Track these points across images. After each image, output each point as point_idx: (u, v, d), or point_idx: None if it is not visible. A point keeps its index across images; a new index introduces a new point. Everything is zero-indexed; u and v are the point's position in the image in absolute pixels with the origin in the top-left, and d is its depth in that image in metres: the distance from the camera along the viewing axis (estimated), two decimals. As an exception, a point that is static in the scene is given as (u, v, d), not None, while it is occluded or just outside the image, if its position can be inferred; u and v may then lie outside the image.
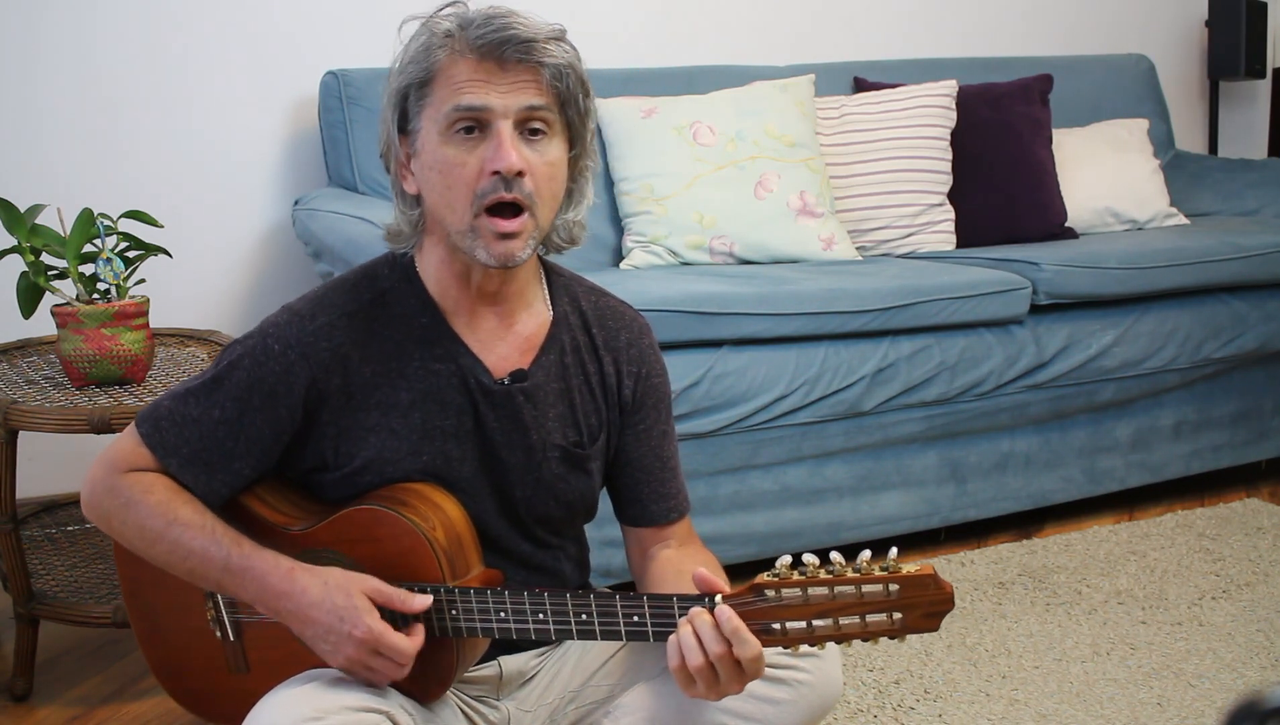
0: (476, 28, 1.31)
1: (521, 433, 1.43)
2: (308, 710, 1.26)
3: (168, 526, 1.34)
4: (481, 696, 1.49)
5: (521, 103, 1.31)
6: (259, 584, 1.32)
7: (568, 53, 1.34)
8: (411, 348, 1.40)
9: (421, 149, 1.35)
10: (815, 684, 1.43)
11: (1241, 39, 3.83)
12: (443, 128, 1.32)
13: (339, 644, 1.30)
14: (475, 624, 1.33)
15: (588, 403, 1.48)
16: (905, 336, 2.54)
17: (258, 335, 1.38)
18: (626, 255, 2.80)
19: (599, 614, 1.31)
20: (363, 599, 1.30)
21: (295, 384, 1.36)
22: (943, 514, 2.67)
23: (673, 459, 1.56)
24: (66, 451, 2.73)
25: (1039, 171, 3.14)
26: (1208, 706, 2.00)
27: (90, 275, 2.08)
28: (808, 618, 1.23)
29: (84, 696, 2.07)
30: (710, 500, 2.41)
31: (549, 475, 1.45)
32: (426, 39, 1.34)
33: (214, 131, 2.89)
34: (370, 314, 1.40)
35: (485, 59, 1.30)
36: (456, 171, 1.31)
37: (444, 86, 1.32)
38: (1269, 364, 2.99)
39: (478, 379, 1.41)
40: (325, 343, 1.37)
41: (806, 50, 3.42)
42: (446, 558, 1.34)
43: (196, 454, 1.37)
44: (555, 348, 1.46)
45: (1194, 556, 2.60)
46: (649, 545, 1.55)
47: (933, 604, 1.22)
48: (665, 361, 1.57)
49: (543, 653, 1.52)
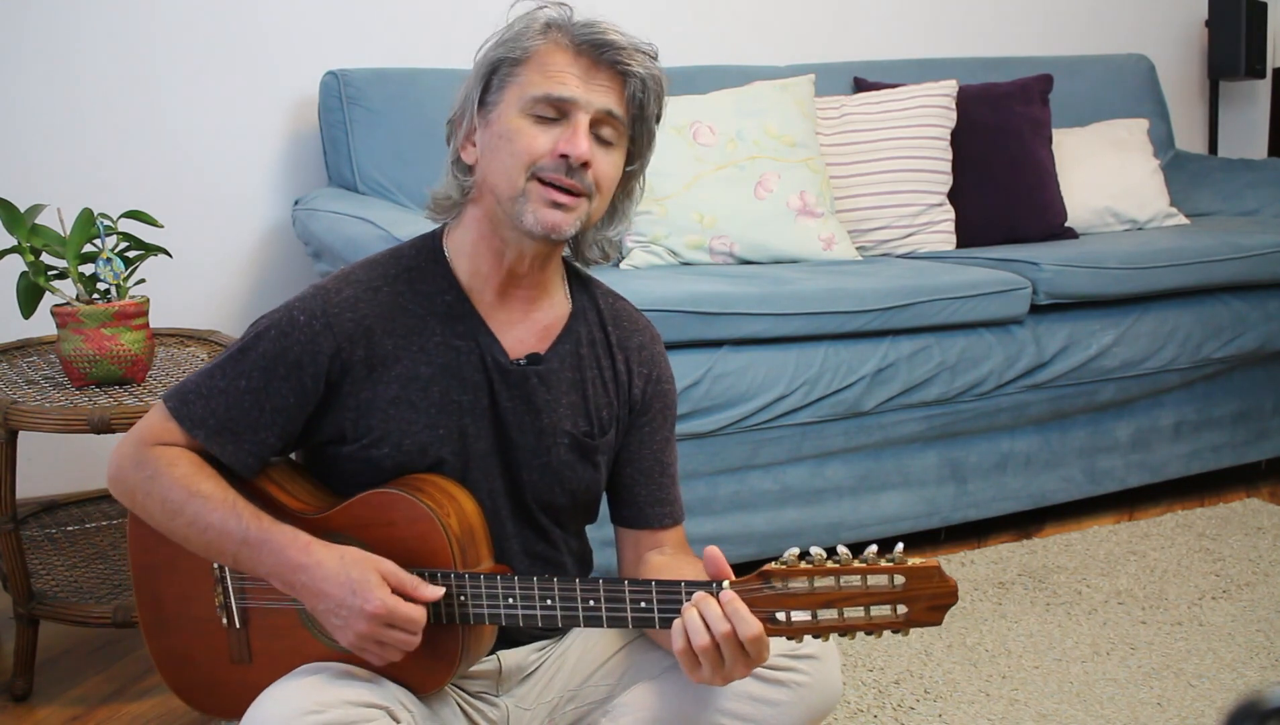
0: (580, 26, 1.38)
1: (533, 414, 1.45)
2: (308, 703, 1.28)
3: (189, 498, 1.36)
4: (481, 693, 1.50)
5: (604, 104, 1.38)
6: (276, 557, 1.34)
7: (656, 70, 1.41)
8: (434, 323, 1.43)
9: (495, 120, 1.39)
10: (814, 686, 1.44)
11: (1241, 39, 3.83)
12: (525, 106, 1.37)
13: (351, 618, 1.31)
14: (484, 610, 1.35)
15: (600, 396, 1.50)
16: (905, 336, 2.54)
17: (284, 309, 1.41)
18: (626, 255, 2.80)
19: (607, 600, 1.32)
20: (376, 574, 1.32)
21: (319, 354, 1.38)
22: (943, 514, 2.67)
23: (672, 467, 1.58)
24: (66, 451, 2.73)
25: (1039, 171, 3.14)
26: (1208, 706, 2.00)
27: (90, 275, 2.08)
28: (813, 608, 1.24)
29: (84, 696, 2.07)
30: (710, 500, 2.41)
31: (557, 461, 1.47)
32: (528, 23, 1.40)
33: (214, 131, 2.89)
34: (395, 289, 1.43)
35: (581, 55, 1.37)
36: (525, 141, 1.36)
37: (536, 71, 1.37)
38: (1269, 364, 2.99)
39: (495, 358, 1.44)
40: (350, 314, 1.40)
41: (806, 50, 3.42)
42: (459, 545, 1.37)
43: (224, 424, 1.39)
44: (572, 338, 1.49)
45: (1194, 556, 2.60)
46: (643, 549, 1.56)
47: (936, 597, 1.23)
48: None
49: (543, 647, 1.53)
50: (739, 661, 1.26)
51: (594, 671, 1.52)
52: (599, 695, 1.51)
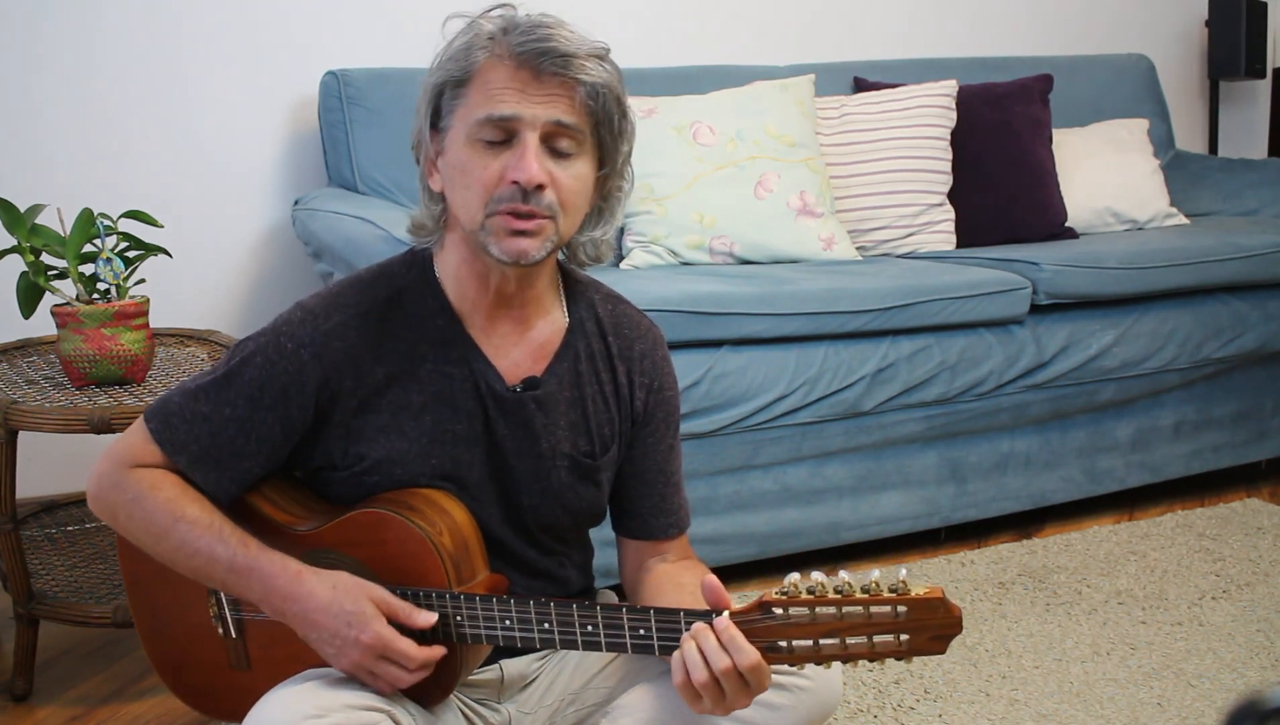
0: (520, 34, 1.29)
1: (531, 441, 1.42)
2: (309, 708, 1.26)
3: (174, 524, 1.34)
4: (483, 699, 1.49)
5: (551, 116, 1.30)
6: (265, 585, 1.32)
7: (607, 72, 1.32)
8: (425, 349, 1.39)
9: (449, 147, 1.34)
10: (815, 690, 1.43)
11: (1241, 39, 3.83)
12: (471, 131, 1.31)
13: (344, 648, 1.30)
14: (480, 631, 1.33)
15: (601, 412, 1.47)
16: (905, 336, 2.54)
17: (270, 333, 1.37)
18: (626, 255, 2.80)
19: (605, 627, 1.30)
20: (370, 605, 1.29)
21: (307, 383, 1.35)
22: (943, 514, 2.67)
23: (676, 475, 1.55)
24: (66, 451, 2.73)
25: (1039, 171, 3.14)
26: (1208, 706, 2.00)
27: (90, 275, 2.07)
28: (814, 637, 1.23)
29: (84, 696, 2.07)
30: (710, 500, 2.41)
31: (557, 484, 1.44)
32: (470, 38, 1.32)
33: (214, 131, 2.89)
34: (384, 314, 1.39)
35: (522, 68, 1.29)
36: (477, 173, 1.31)
37: (479, 90, 1.30)
38: (1269, 364, 2.99)
39: (490, 385, 1.40)
40: (338, 342, 1.36)
41: (806, 50, 3.42)
42: (452, 563, 1.34)
43: (206, 452, 1.36)
44: (569, 355, 1.45)
45: (1194, 556, 2.60)
46: (645, 558, 1.54)
47: (941, 627, 1.21)
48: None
49: (544, 656, 1.52)
50: (739, 692, 1.25)
51: (594, 675, 1.51)
52: (599, 698, 1.50)
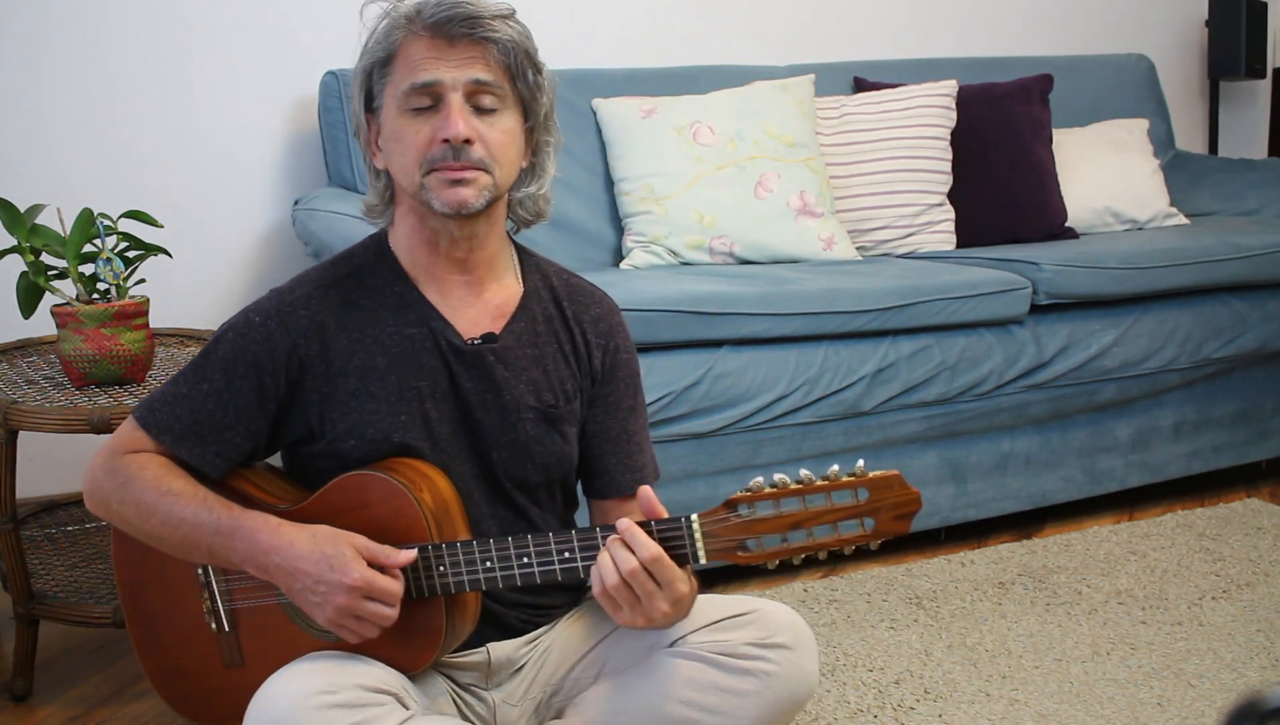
0: (431, 8, 1.40)
1: (495, 392, 1.48)
2: (321, 684, 1.31)
3: (161, 497, 1.39)
4: (470, 685, 1.52)
5: (469, 76, 1.40)
6: (249, 541, 1.37)
7: (515, 29, 1.42)
8: (385, 315, 1.47)
9: (384, 123, 1.45)
10: (784, 676, 1.44)
11: (1241, 39, 3.83)
12: (401, 102, 1.41)
13: (328, 593, 1.33)
14: (463, 577, 1.38)
15: (562, 369, 1.53)
16: (905, 336, 2.54)
17: (241, 313, 1.47)
18: (626, 255, 2.80)
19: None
20: (351, 549, 1.34)
21: (277, 352, 1.43)
22: (943, 514, 2.67)
23: (639, 434, 1.61)
24: (66, 451, 2.73)
25: (1039, 171, 3.14)
26: (1208, 706, 2.00)
27: (90, 275, 2.08)
28: (781, 530, 1.28)
29: (84, 696, 2.07)
30: (710, 500, 2.41)
31: (524, 436, 1.50)
32: (389, 21, 1.43)
33: (214, 131, 2.89)
34: (345, 286, 1.48)
35: (436, 36, 1.40)
36: (410, 139, 1.41)
37: (402, 65, 1.41)
38: (1269, 364, 2.99)
39: (449, 341, 1.47)
40: (303, 311, 1.45)
41: (806, 50, 3.42)
42: (434, 518, 1.39)
43: (189, 428, 1.43)
44: (526, 316, 1.52)
45: (1194, 556, 2.60)
46: (614, 518, 1.57)
47: (901, 504, 1.28)
48: (665, 360, 1.59)
49: (530, 640, 1.55)
50: (653, 595, 1.30)
51: (573, 666, 1.55)
52: (578, 689, 1.54)
